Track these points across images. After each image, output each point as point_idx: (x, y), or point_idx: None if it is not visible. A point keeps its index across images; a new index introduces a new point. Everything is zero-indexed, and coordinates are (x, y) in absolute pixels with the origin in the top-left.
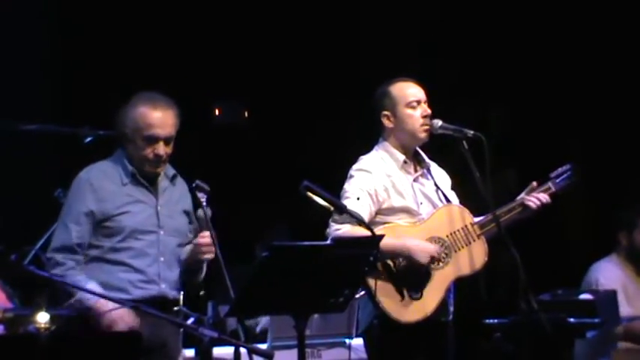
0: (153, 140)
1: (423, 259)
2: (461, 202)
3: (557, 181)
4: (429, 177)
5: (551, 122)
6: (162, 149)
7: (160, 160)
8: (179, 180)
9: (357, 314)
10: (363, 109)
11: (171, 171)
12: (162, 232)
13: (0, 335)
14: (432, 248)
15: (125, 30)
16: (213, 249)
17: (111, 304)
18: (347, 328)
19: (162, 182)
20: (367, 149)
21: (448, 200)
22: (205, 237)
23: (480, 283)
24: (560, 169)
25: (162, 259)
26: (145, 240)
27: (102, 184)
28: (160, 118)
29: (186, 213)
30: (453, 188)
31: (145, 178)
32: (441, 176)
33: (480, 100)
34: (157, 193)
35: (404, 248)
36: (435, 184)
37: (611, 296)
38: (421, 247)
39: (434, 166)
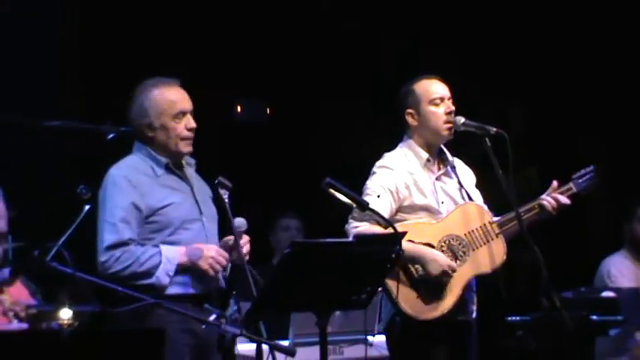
0: (182, 115)
1: (434, 270)
2: (484, 200)
3: (580, 182)
4: (453, 175)
5: (572, 120)
6: (192, 122)
7: (192, 136)
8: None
9: (379, 311)
10: (385, 107)
11: (191, 160)
12: (204, 219)
13: (23, 331)
14: (446, 262)
15: (147, 27)
16: (246, 253)
17: (197, 248)
18: (369, 325)
19: (189, 169)
20: (391, 147)
21: (471, 199)
22: (246, 243)
23: (500, 282)
24: (583, 171)
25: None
26: (192, 229)
27: (139, 179)
28: (178, 93)
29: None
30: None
31: (175, 167)
32: (466, 174)
33: (501, 98)
34: (189, 180)
35: (420, 256)
36: (459, 183)
37: (633, 294)
38: (435, 258)
39: (459, 164)
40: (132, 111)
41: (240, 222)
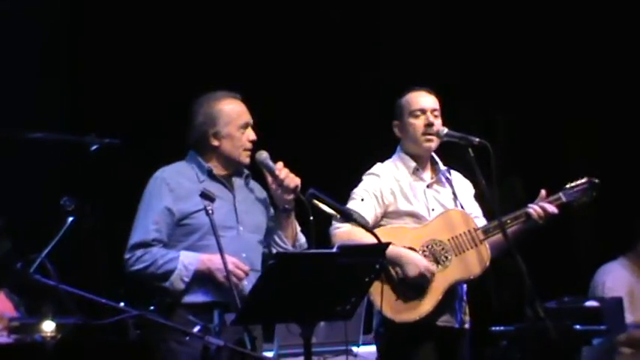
0: (246, 127)
1: (412, 272)
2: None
3: (570, 192)
4: (447, 185)
5: (557, 129)
6: (253, 134)
7: (252, 147)
8: (252, 181)
9: (363, 321)
10: (379, 119)
11: (245, 170)
12: (241, 228)
13: (6, 344)
14: (424, 265)
15: (133, 37)
16: (289, 172)
17: (219, 257)
18: (353, 336)
19: (237, 180)
20: (384, 158)
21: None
22: (282, 168)
23: (491, 291)
24: (577, 182)
25: (243, 255)
26: (225, 236)
27: (178, 183)
28: (242, 106)
29: (266, 210)
30: None
31: (223, 176)
32: (464, 186)
33: (485, 107)
34: (234, 189)
35: (399, 258)
36: (454, 193)
37: (617, 303)
38: (413, 260)
39: (457, 176)
40: (196, 119)
41: (260, 155)
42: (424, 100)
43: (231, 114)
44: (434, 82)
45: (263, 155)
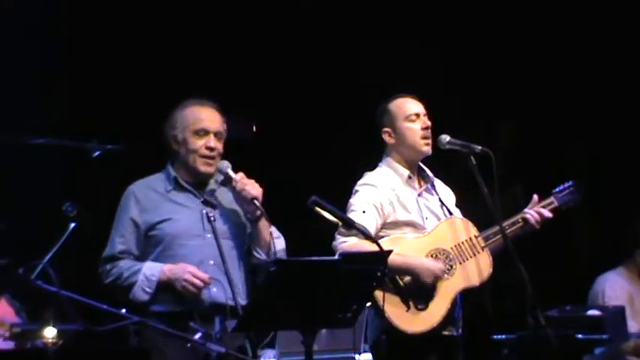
0: (203, 133)
1: (428, 279)
2: (469, 218)
3: (560, 196)
4: (434, 192)
5: (559, 136)
6: (212, 142)
7: (212, 155)
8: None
9: (364, 329)
10: (369, 125)
11: (221, 177)
12: (209, 236)
13: (8, 350)
14: (437, 268)
15: (133, 44)
16: (253, 182)
17: (179, 267)
18: (354, 344)
19: (211, 186)
20: (373, 165)
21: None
22: (242, 178)
23: (486, 299)
24: (563, 185)
25: (211, 262)
26: (191, 245)
27: (145, 195)
28: (208, 113)
29: (240, 216)
30: (460, 204)
31: (192, 184)
32: (446, 193)
33: (487, 115)
34: (204, 197)
35: (409, 268)
36: (440, 200)
37: (619, 312)
38: (426, 266)
39: (438, 183)
40: (167, 122)
41: (221, 164)
42: (416, 105)
43: (188, 119)
44: (436, 89)
45: (224, 164)
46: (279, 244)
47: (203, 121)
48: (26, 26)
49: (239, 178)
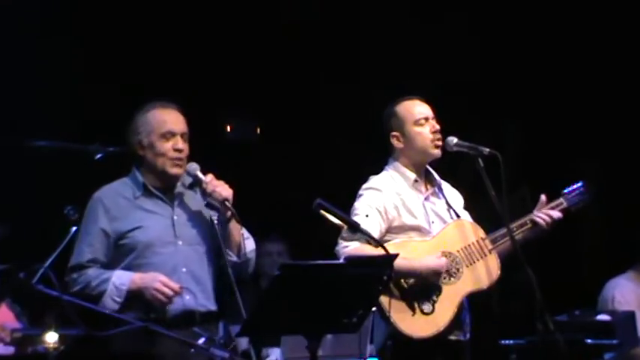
0: (170, 135)
1: (435, 280)
2: (477, 221)
3: (570, 197)
4: (441, 196)
5: (568, 139)
6: (180, 143)
7: (180, 157)
8: (195, 191)
9: (370, 334)
10: (375, 128)
11: (189, 179)
12: (180, 243)
13: (10, 355)
14: (438, 265)
15: (136, 46)
16: (223, 183)
17: (150, 276)
18: (360, 349)
19: (179, 190)
20: (379, 168)
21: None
22: (212, 180)
23: (494, 301)
24: (573, 186)
25: (184, 269)
26: (163, 253)
27: (114, 202)
28: (172, 115)
29: (208, 219)
30: (468, 206)
31: (160, 189)
32: (454, 195)
33: (496, 117)
34: (173, 202)
35: (411, 270)
36: (447, 203)
37: (629, 317)
38: (426, 265)
39: (446, 186)
40: (130, 128)
41: (190, 166)
42: (424, 107)
43: (152, 122)
44: (444, 90)
45: (192, 166)
46: (249, 244)
47: (168, 124)
48: (28, 28)
49: (209, 179)
